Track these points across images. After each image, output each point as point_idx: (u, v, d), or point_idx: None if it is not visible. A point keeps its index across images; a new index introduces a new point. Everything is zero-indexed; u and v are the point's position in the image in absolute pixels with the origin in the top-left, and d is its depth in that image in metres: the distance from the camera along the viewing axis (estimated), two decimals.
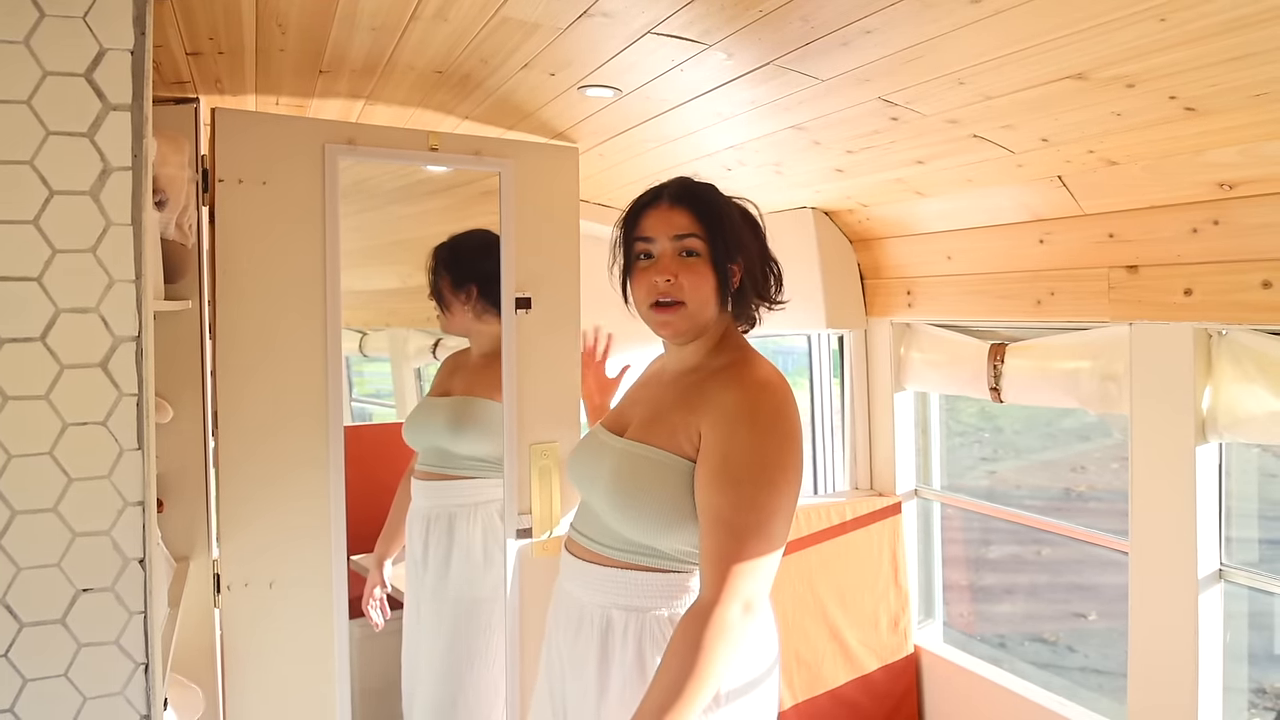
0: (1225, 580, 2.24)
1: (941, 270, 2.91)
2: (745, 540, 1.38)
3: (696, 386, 1.53)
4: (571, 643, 1.57)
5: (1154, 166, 2.02)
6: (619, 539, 1.52)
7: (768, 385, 1.48)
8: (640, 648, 1.48)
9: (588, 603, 1.55)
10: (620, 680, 1.49)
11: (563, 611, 1.61)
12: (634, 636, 1.48)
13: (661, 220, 1.54)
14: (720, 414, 1.45)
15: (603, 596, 1.53)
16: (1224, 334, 2.15)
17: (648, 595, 1.49)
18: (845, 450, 3.47)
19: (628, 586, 1.50)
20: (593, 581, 1.54)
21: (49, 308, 1.24)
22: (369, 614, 2.56)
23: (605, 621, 1.51)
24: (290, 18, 1.72)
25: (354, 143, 2.22)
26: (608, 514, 1.52)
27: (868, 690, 3.12)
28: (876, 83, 1.84)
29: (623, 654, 1.49)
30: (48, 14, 1.22)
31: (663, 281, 1.51)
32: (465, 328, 2.56)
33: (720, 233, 1.52)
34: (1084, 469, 6.83)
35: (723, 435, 1.43)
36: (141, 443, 1.29)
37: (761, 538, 1.39)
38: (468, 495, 2.45)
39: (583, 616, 1.55)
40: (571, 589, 1.59)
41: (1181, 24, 1.40)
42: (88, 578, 1.27)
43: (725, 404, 1.45)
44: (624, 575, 1.51)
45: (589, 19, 1.65)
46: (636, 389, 1.75)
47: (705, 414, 1.46)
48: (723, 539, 1.39)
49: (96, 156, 1.25)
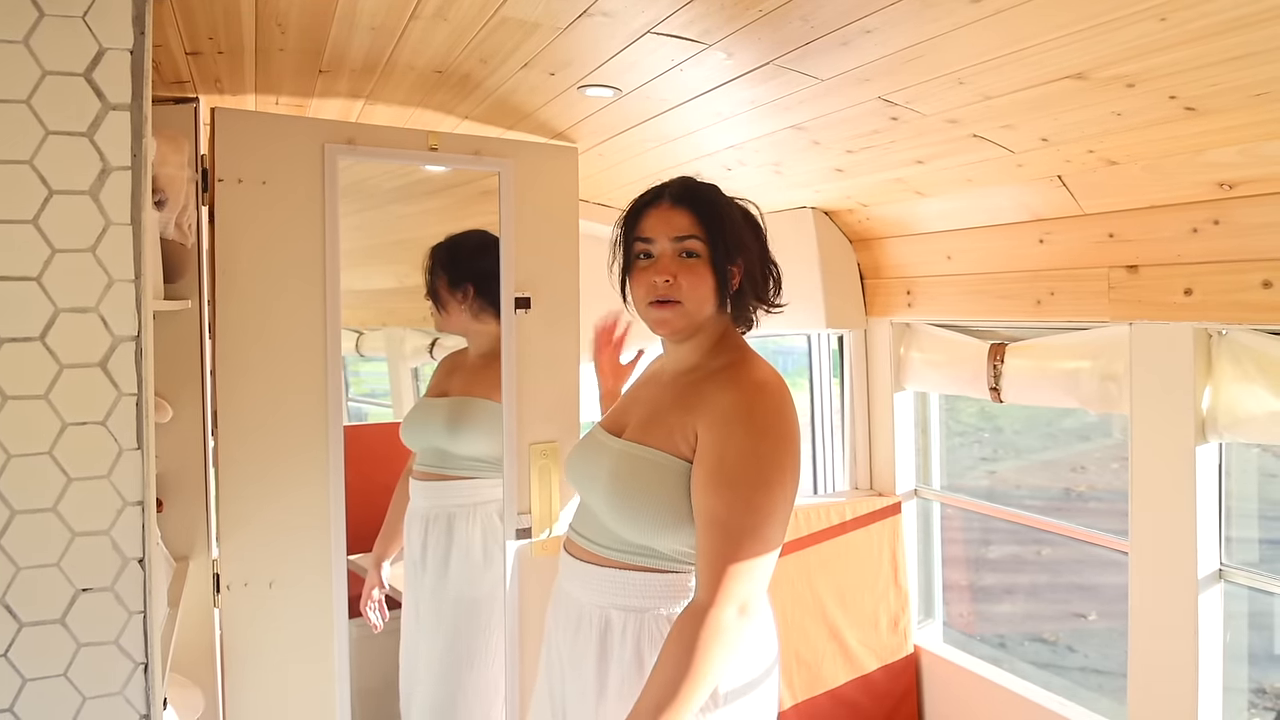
0: (1225, 580, 2.23)
1: (941, 270, 2.91)
2: (741, 542, 1.38)
3: (694, 387, 1.53)
4: (571, 642, 1.57)
5: (1154, 166, 2.02)
6: (617, 539, 1.52)
7: (765, 386, 1.48)
8: (639, 647, 1.48)
9: (586, 603, 1.55)
10: (619, 679, 1.49)
11: (562, 611, 1.61)
12: (632, 636, 1.49)
13: (662, 220, 1.53)
14: (717, 415, 1.45)
15: (601, 597, 1.53)
16: (1224, 334, 2.15)
17: (646, 595, 1.49)
18: (845, 450, 3.47)
19: (626, 587, 1.51)
20: (591, 582, 1.55)
21: (48, 307, 1.24)
22: (367, 615, 2.55)
23: (604, 621, 1.52)
24: (290, 17, 1.72)
25: (354, 142, 2.22)
26: (606, 514, 1.52)
27: (867, 690, 3.12)
28: (876, 82, 1.84)
29: (621, 653, 1.49)
30: (47, 13, 1.22)
31: (661, 282, 1.51)
32: (462, 327, 2.55)
33: (721, 234, 1.52)
34: (1084, 469, 6.83)
35: (719, 437, 1.43)
36: (141, 442, 1.29)
37: (757, 539, 1.39)
38: (466, 495, 2.45)
39: (581, 616, 1.55)
40: (570, 589, 1.59)
41: (1182, 23, 1.40)
42: (87, 577, 1.27)
43: (722, 405, 1.46)
44: (622, 575, 1.51)
45: (589, 18, 1.65)
46: (636, 389, 1.75)
47: (702, 415, 1.46)
48: (718, 541, 1.39)
49: (96, 156, 1.25)
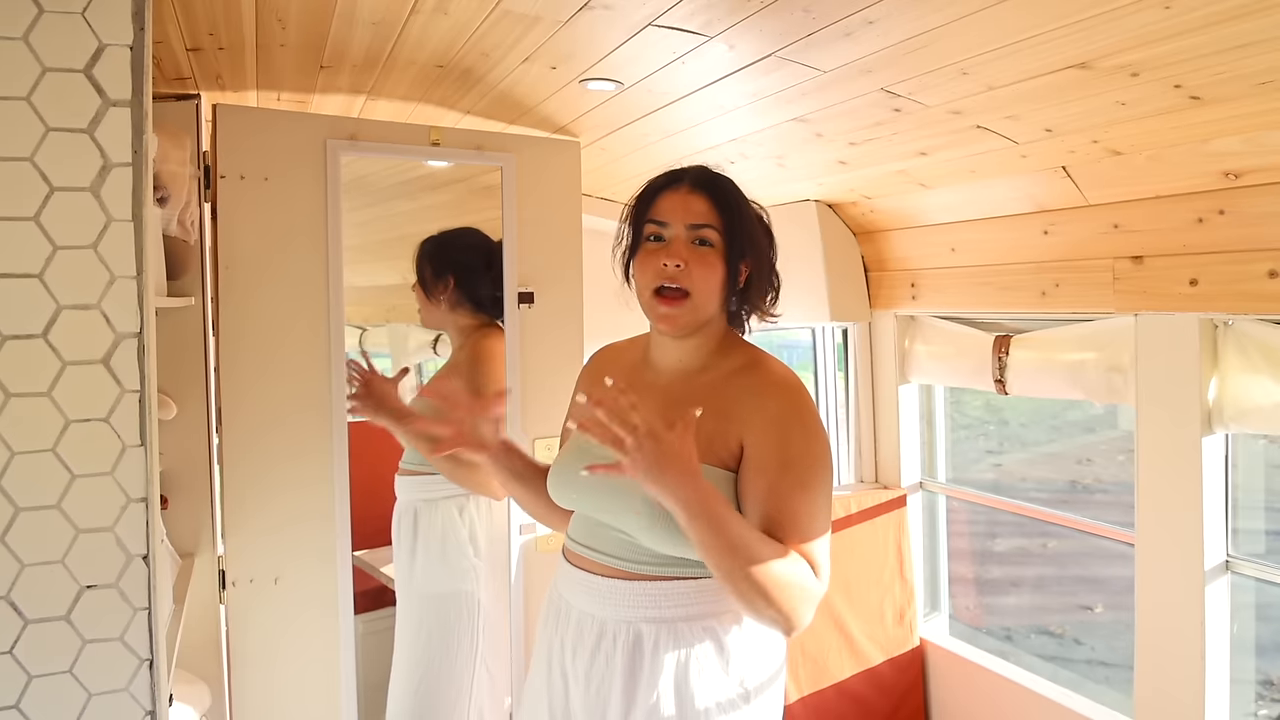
0: (1232, 572, 2.23)
1: (946, 262, 2.90)
2: (814, 535, 1.39)
3: (720, 392, 1.46)
4: (587, 662, 1.48)
5: (1159, 156, 2.01)
6: (649, 554, 1.45)
7: (799, 387, 1.47)
8: (675, 659, 1.43)
9: (610, 618, 1.46)
10: (653, 695, 1.43)
11: (571, 629, 1.52)
12: (667, 648, 1.43)
13: (679, 204, 1.46)
14: (768, 424, 1.41)
15: (631, 611, 1.45)
16: (1230, 324, 2.14)
17: (682, 604, 1.44)
18: (850, 443, 3.46)
19: (661, 598, 1.44)
20: (615, 597, 1.47)
21: (50, 304, 1.24)
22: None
23: (634, 636, 1.44)
24: (290, 13, 1.71)
25: (356, 138, 2.22)
26: (641, 533, 1.44)
27: (874, 683, 3.12)
28: (879, 74, 1.84)
29: (653, 667, 1.43)
30: (46, 10, 1.22)
31: (672, 265, 1.43)
32: (440, 321, 2.54)
33: (738, 227, 1.47)
34: (1090, 461, 6.82)
35: (776, 443, 1.40)
36: (144, 439, 1.29)
37: (824, 531, 1.42)
38: (430, 490, 2.44)
39: (603, 634, 1.47)
40: (585, 606, 1.50)
41: (1185, 12, 1.39)
42: (91, 574, 1.27)
43: (769, 414, 1.42)
44: (656, 587, 1.44)
45: (590, 11, 1.65)
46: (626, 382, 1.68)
47: (749, 423, 1.41)
48: (797, 540, 1.38)
49: (97, 153, 1.25)
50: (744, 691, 1.45)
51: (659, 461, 1.28)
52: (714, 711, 1.43)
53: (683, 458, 1.29)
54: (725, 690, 1.44)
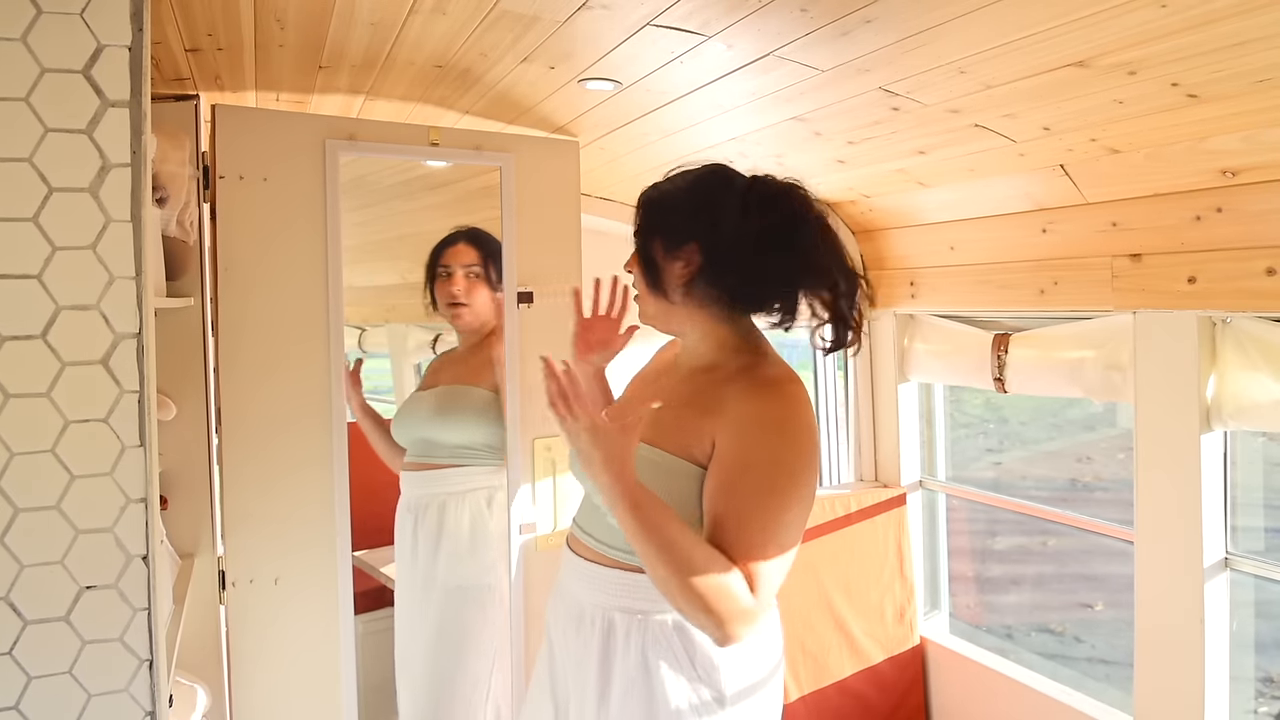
0: (1231, 569, 2.23)
1: (944, 261, 2.90)
2: (766, 549, 1.34)
3: (712, 389, 1.47)
4: (572, 642, 1.54)
5: (1156, 154, 2.01)
6: (623, 540, 1.46)
7: (785, 392, 1.44)
8: (643, 653, 1.45)
9: (589, 603, 1.52)
10: (623, 684, 1.46)
11: (563, 609, 1.58)
12: (636, 641, 1.46)
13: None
14: (739, 424, 1.39)
15: (605, 598, 1.50)
16: (1228, 322, 2.14)
17: (651, 599, 1.44)
18: (850, 442, 3.46)
19: (632, 589, 1.47)
20: (595, 582, 1.52)
21: (49, 305, 1.24)
22: None
23: (607, 624, 1.48)
24: (289, 13, 1.72)
25: (355, 138, 2.22)
26: (611, 515, 1.47)
27: (874, 682, 3.12)
28: (877, 73, 1.84)
29: (624, 658, 1.46)
30: (45, 10, 1.22)
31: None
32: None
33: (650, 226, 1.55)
34: (1090, 459, 6.83)
35: (742, 446, 1.38)
36: (143, 439, 1.29)
37: (776, 546, 1.36)
38: (456, 483, 2.45)
39: (583, 617, 1.52)
40: (573, 588, 1.56)
41: (1183, 9, 1.39)
42: (91, 575, 1.27)
43: (744, 413, 1.40)
44: (628, 578, 1.47)
45: (588, 11, 1.65)
46: (645, 384, 1.70)
47: (721, 421, 1.41)
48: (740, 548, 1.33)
49: (95, 153, 1.25)
50: (718, 694, 1.45)
51: (592, 444, 1.33)
52: (686, 713, 1.43)
53: (616, 448, 1.33)
54: (697, 691, 1.44)
